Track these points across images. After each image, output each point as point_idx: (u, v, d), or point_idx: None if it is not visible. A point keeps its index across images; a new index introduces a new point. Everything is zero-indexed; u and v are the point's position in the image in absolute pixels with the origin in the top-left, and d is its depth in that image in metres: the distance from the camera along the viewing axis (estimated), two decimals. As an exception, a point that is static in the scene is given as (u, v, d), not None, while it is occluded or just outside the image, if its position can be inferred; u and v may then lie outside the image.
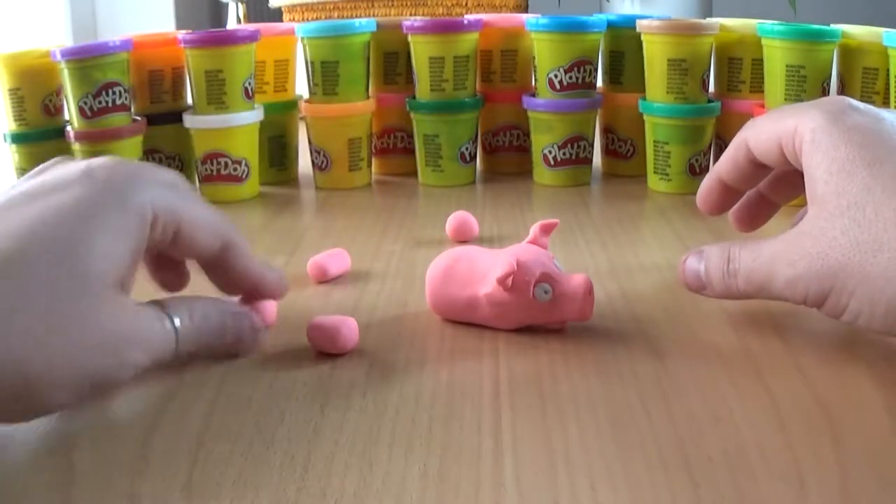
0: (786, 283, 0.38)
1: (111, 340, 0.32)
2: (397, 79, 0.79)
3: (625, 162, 0.78)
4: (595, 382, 0.37)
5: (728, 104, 0.71)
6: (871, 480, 0.29)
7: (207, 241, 0.38)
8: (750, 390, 0.36)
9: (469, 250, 0.43)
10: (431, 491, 0.29)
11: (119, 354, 0.33)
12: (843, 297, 0.36)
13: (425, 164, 0.76)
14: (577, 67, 0.72)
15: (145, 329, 0.34)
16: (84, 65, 0.65)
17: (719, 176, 0.46)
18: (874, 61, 0.64)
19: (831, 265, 0.36)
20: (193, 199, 0.38)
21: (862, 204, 0.36)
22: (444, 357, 0.40)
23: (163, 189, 0.36)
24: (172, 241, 0.37)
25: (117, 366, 0.33)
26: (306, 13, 1.33)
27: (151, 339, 0.34)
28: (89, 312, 0.32)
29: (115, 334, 0.33)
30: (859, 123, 0.38)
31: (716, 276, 0.42)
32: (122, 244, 0.34)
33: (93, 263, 0.32)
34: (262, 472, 0.31)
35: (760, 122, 0.43)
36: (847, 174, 0.37)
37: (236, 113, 0.70)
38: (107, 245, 0.33)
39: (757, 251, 0.40)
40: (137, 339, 0.34)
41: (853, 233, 0.36)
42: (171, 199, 0.36)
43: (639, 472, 0.30)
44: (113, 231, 0.33)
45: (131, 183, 0.35)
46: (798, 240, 0.38)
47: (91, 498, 0.29)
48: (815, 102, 0.40)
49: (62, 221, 0.33)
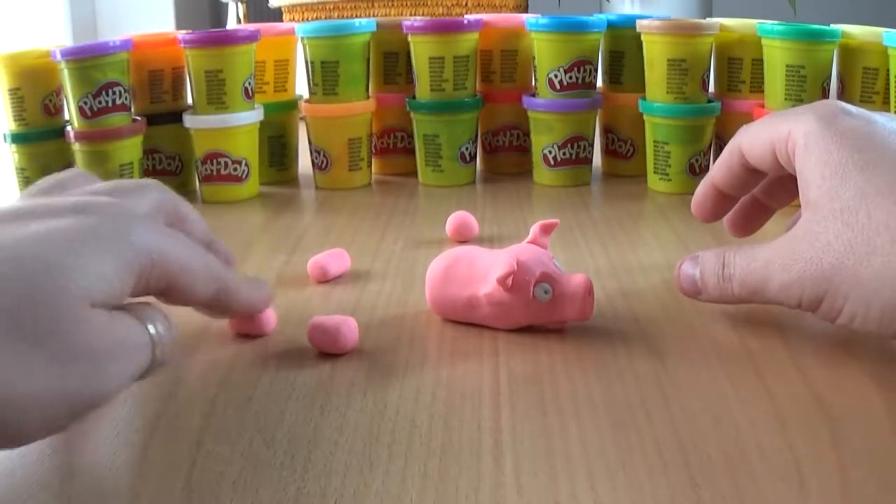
0: (780, 287, 0.38)
1: (88, 355, 0.29)
2: (397, 79, 0.79)
3: (625, 162, 0.78)
4: (595, 382, 0.37)
5: (728, 104, 0.71)
6: (871, 480, 0.29)
7: (201, 290, 0.36)
8: (750, 390, 0.36)
9: (469, 250, 0.44)
10: (431, 491, 0.29)
11: (97, 373, 0.30)
12: (837, 301, 0.36)
13: (425, 164, 0.76)
14: (577, 67, 0.72)
15: (121, 342, 0.31)
16: (84, 65, 0.65)
17: (714, 182, 0.46)
18: (874, 61, 0.64)
19: (825, 269, 0.36)
20: (189, 247, 0.36)
21: (855, 208, 0.36)
22: (444, 357, 0.40)
23: (161, 237, 0.34)
24: (164, 291, 0.35)
25: (98, 381, 0.30)
26: (306, 13, 1.33)
27: (130, 350, 0.31)
28: (64, 329, 0.29)
29: (92, 349, 0.30)
30: (852, 127, 0.38)
31: (711, 281, 0.42)
32: (109, 266, 0.31)
33: (73, 281, 0.29)
34: (262, 472, 0.31)
35: (753, 127, 0.43)
36: (840, 178, 0.37)
37: (236, 113, 0.70)
38: (93, 266, 0.30)
39: (751, 256, 0.40)
40: (117, 353, 0.31)
41: (846, 236, 0.36)
42: (169, 248, 0.34)
43: (639, 472, 0.30)
44: (103, 255, 0.31)
45: (132, 225, 0.33)
46: (792, 244, 0.38)
47: (91, 498, 0.29)
48: (808, 107, 0.41)
49: (48, 245, 0.30)
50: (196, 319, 0.43)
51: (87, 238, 0.31)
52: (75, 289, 0.29)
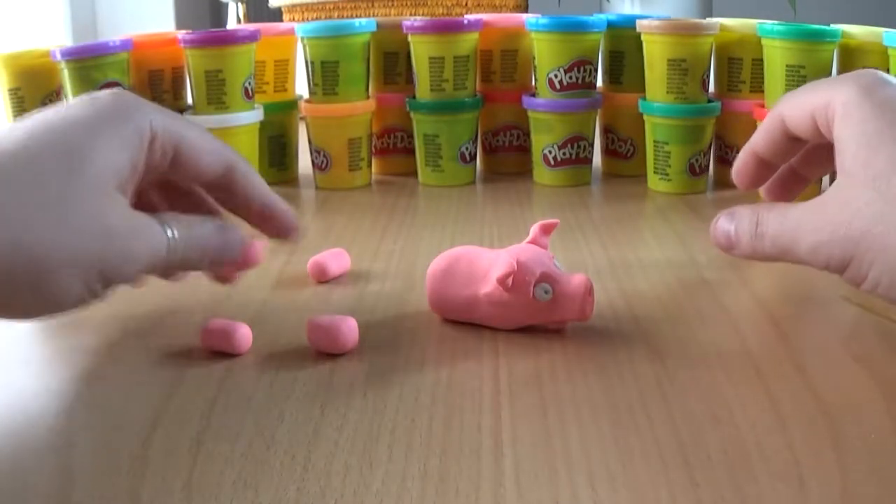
0: (809, 248, 0.39)
1: (115, 231, 0.35)
2: (397, 79, 0.79)
3: (625, 162, 0.78)
4: (595, 383, 0.37)
5: (728, 104, 0.71)
6: (871, 480, 0.29)
7: (209, 162, 0.39)
8: (750, 390, 0.36)
9: (469, 250, 0.43)
10: (431, 491, 0.29)
11: (123, 244, 0.35)
12: (863, 266, 0.37)
13: (425, 164, 0.76)
14: (577, 67, 0.72)
15: (145, 227, 0.36)
16: (84, 65, 0.66)
17: (754, 150, 0.46)
18: (874, 61, 0.64)
19: (853, 234, 0.37)
20: (194, 125, 0.40)
21: (888, 177, 0.37)
22: (444, 357, 0.40)
23: (163, 114, 0.38)
24: (173, 164, 0.39)
25: (122, 256, 0.35)
26: (306, 13, 1.33)
27: (150, 237, 0.36)
28: (94, 205, 0.34)
29: (118, 226, 0.35)
30: (891, 97, 0.39)
31: (744, 237, 0.43)
32: (121, 154, 0.36)
33: (96, 165, 0.35)
34: (262, 472, 0.31)
35: (795, 95, 0.43)
36: (875, 147, 0.38)
37: (236, 113, 0.70)
38: (108, 152, 0.35)
39: (784, 216, 0.41)
40: (138, 235, 0.36)
41: (877, 204, 0.36)
42: (171, 121, 0.38)
43: (639, 472, 0.30)
44: (115, 140, 0.36)
45: (133, 104, 0.37)
46: (823, 208, 0.39)
47: (91, 498, 0.29)
48: (849, 75, 0.41)
49: (66, 128, 0.35)
50: (197, 320, 0.43)
51: (97, 123, 0.36)
52: (96, 170, 0.34)
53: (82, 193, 0.34)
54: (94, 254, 0.34)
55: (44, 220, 0.33)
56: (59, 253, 0.33)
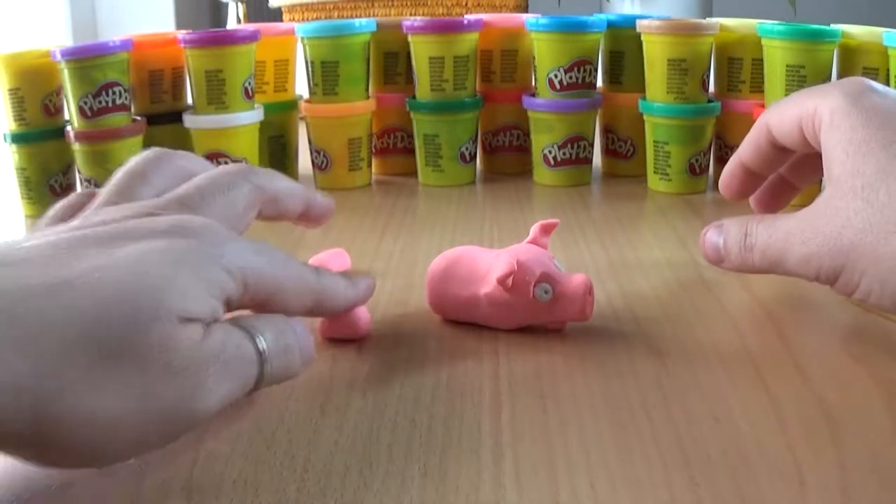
0: (799, 260, 0.39)
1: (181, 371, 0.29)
2: (397, 79, 0.79)
3: (625, 162, 0.78)
4: (595, 382, 0.37)
5: (728, 104, 0.71)
6: (871, 480, 0.29)
7: (296, 304, 0.35)
8: (750, 390, 0.36)
9: (469, 250, 0.44)
10: (431, 491, 0.29)
11: (194, 384, 0.29)
12: (854, 276, 0.37)
13: (425, 164, 0.76)
14: (577, 67, 0.72)
15: (224, 353, 0.30)
16: (84, 65, 0.65)
17: (741, 160, 0.46)
18: (874, 61, 0.64)
19: (843, 245, 0.37)
20: (280, 263, 0.35)
21: (876, 185, 0.36)
22: (444, 357, 0.40)
23: (252, 256, 0.33)
24: (261, 307, 0.34)
25: (192, 398, 0.29)
26: (306, 13, 1.33)
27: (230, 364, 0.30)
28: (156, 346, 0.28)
29: (185, 366, 0.29)
30: (878, 105, 0.39)
31: (733, 249, 0.42)
32: (202, 289, 0.30)
33: (167, 301, 0.29)
34: (262, 472, 0.31)
35: (782, 104, 0.43)
36: (863, 155, 0.37)
37: (236, 113, 0.70)
38: (186, 287, 0.30)
39: (773, 227, 0.40)
40: (214, 367, 0.30)
41: (866, 214, 0.36)
42: (263, 266, 0.33)
43: (639, 472, 0.30)
44: (196, 278, 0.30)
45: (224, 247, 0.32)
46: (812, 218, 0.39)
47: (91, 498, 0.29)
48: (835, 83, 0.41)
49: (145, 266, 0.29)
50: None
51: (181, 260, 0.30)
52: (169, 308, 0.29)
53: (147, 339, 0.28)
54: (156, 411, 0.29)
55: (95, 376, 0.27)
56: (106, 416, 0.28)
